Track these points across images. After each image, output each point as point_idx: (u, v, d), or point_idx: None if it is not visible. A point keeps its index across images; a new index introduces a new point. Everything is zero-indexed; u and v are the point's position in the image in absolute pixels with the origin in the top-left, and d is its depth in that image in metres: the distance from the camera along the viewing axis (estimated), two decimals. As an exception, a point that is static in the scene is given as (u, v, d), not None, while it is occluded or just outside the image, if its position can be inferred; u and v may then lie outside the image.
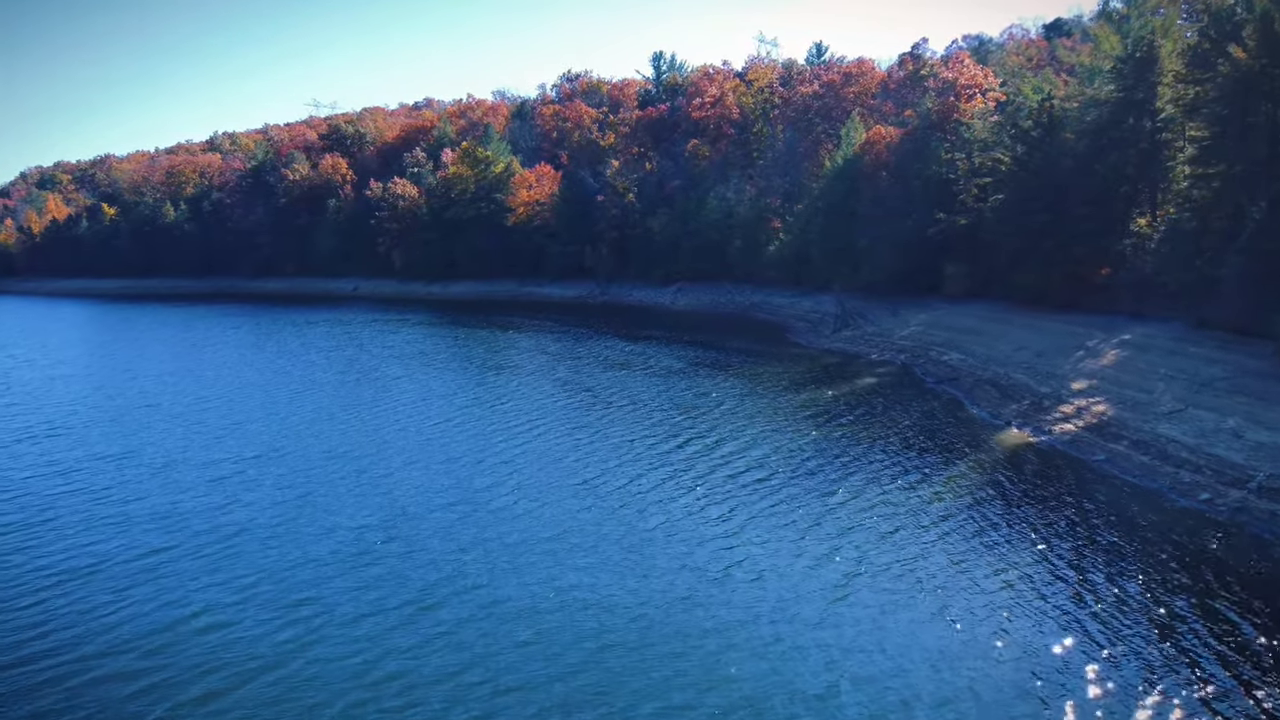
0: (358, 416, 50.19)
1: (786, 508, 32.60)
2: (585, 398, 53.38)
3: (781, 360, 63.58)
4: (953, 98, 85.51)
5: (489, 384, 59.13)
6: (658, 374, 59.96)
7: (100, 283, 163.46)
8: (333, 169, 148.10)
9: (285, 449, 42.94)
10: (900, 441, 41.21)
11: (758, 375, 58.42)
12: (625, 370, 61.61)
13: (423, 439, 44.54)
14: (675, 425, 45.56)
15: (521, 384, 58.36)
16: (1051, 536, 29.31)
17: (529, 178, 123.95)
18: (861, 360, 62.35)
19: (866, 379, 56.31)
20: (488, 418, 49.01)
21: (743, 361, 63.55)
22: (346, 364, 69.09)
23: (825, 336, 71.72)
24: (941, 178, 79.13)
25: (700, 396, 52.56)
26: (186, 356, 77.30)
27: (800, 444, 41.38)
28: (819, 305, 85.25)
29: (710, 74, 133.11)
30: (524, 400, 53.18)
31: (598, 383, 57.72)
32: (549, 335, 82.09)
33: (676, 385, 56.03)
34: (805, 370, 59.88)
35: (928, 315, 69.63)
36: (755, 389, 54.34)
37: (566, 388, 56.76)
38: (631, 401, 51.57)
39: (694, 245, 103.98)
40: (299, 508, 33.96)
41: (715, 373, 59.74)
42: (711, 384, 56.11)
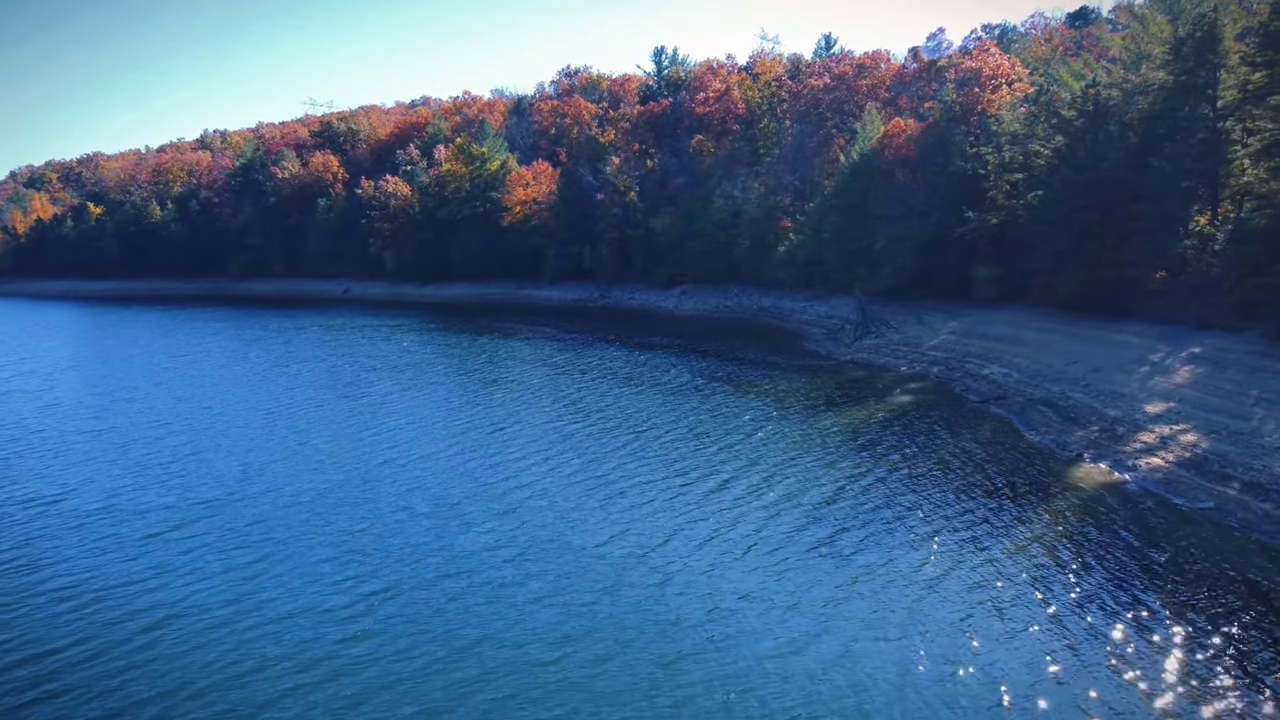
0: (338, 448, 43.72)
1: (842, 569, 26.30)
2: (592, 422, 47.02)
3: (802, 373, 57.21)
4: (977, 88, 79.12)
5: (485, 405, 52.72)
6: (669, 391, 53.64)
7: (84, 284, 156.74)
8: (323, 167, 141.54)
9: (245, 494, 36.47)
10: (959, 478, 34.88)
11: (779, 392, 52.06)
12: (633, 387, 55.24)
13: (412, 479, 38.13)
14: (698, 459, 39.30)
15: (520, 405, 51.96)
16: (1184, 622, 23.00)
17: (526, 175, 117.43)
18: (890, 373, 56.00)
19: (900, 396, 49.94)
20: (484, 450, 42.63)
21: (760, 375, 57.19)
22: (331, 378, 62.69)
23: (846, 345, 65.36)
24: (967, 173, 72.98)
25: (719, 420, 46.18)
26: (158, 369, 70.76)
27: (842, 481, 35.06)
28: (834, 310, 78.91)
29: (714, 68, 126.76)
30: (523, 426, 46.79)
31: (604, 403, 51.38)
32: (548, 344, 75.65)
33: (691, 405, 49.68)
34: (830, 385, 53.53)
35: (958, 322, 63.30)
36: (778, 409, 47.99)
37: (570, 409, 50.38)
38: (644, 428, 45.28)
39: (699, 246, 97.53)
40: (245, 584, 27.48)
41: (731, 389, 53.39)
42: (729, 403, 49.75)
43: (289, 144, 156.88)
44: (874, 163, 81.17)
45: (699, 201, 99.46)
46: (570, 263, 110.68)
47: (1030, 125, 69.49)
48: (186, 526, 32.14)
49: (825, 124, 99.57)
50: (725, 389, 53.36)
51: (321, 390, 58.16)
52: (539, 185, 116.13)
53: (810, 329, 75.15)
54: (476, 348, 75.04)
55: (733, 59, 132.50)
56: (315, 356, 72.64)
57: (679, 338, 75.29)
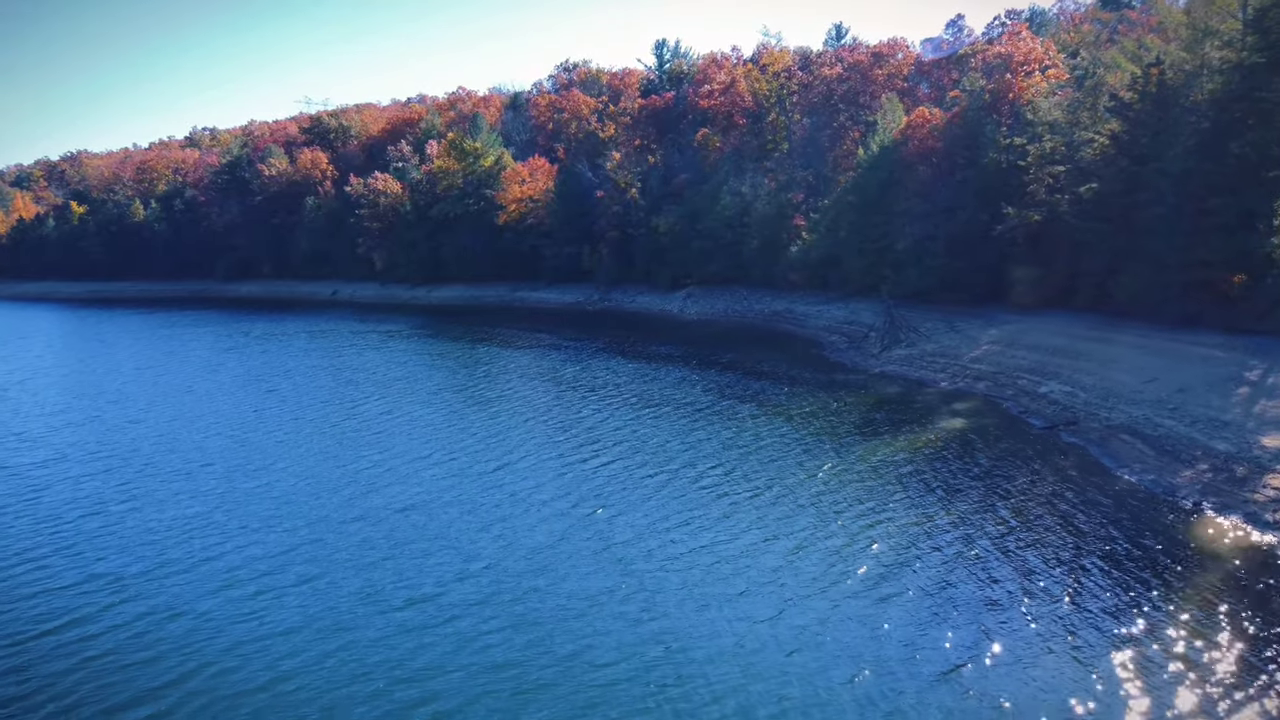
0: (305, 491, 36.50)
1: (935, 657, 19.07)
2: (600, 455, 39.78)
3: (829, 389, 49.91)
4: (1008, 75, 71.86)
5: (480, 431, 45.42)
6: (683, 414, 46.36)
7: (66, 286, 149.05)
8: (312, 164, 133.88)
9: (161, 568, 29.18)
10: (1058, 537, 27.67)
11: (807, 414, 44.76)
12: (642, 410, 47.88)
13: (395, 534, 30.87)
14: (727, 508, 32.16)
15: (519, 435, 44.51)
16: None
17: (522, 172, 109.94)
18: (930, 390, 48.70)
19: (949, 419, 42.62)
20: (479, 493, 35.52)
21: (782, 392, 49.89)
22: (311, 394, 55.44)
23: (873, 356, 58.08)
24: (1000, 166, 65.84)
25: (744, 454, 38.95)
26: (119, 384, 63.40)
27: (907, 540, 27.88)
28: (854, 315, 71.64)
29: (718, 60, 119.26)
30: (524, 464, 39.50)
31: (611, 427, 44.20)
32: (546, 355, 68.23)
33: (709, 433, 42.44)
34: (864, 404, 46.24)
35: (998, 330, 56.06)
36: (810, 436, 40.75)
37: (573, 439, 43.15)
38: (660, 466, 38.11)
39: (705, 246, 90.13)
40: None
41: (753, 410, 46.10)
42: (752, 430, 42.45)
43: (279, 141, 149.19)
44: (895, 156, 74.00)
45: (705, 198, 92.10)
46: (568, 264, 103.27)
47: (1073, 112, 62.36)
48: (60, 630, 24.85)
49: (839, 116, 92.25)
50: (745, 410, 46.05)
51: (295, 412, 50.89)
52: (535, 182, 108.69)
53: (829, 336, 67.83)
54: (469, 360, 67.67)
55: (738, 50, 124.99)
56: (294, 370, 65.10)
57: (687, 346, 67.97)
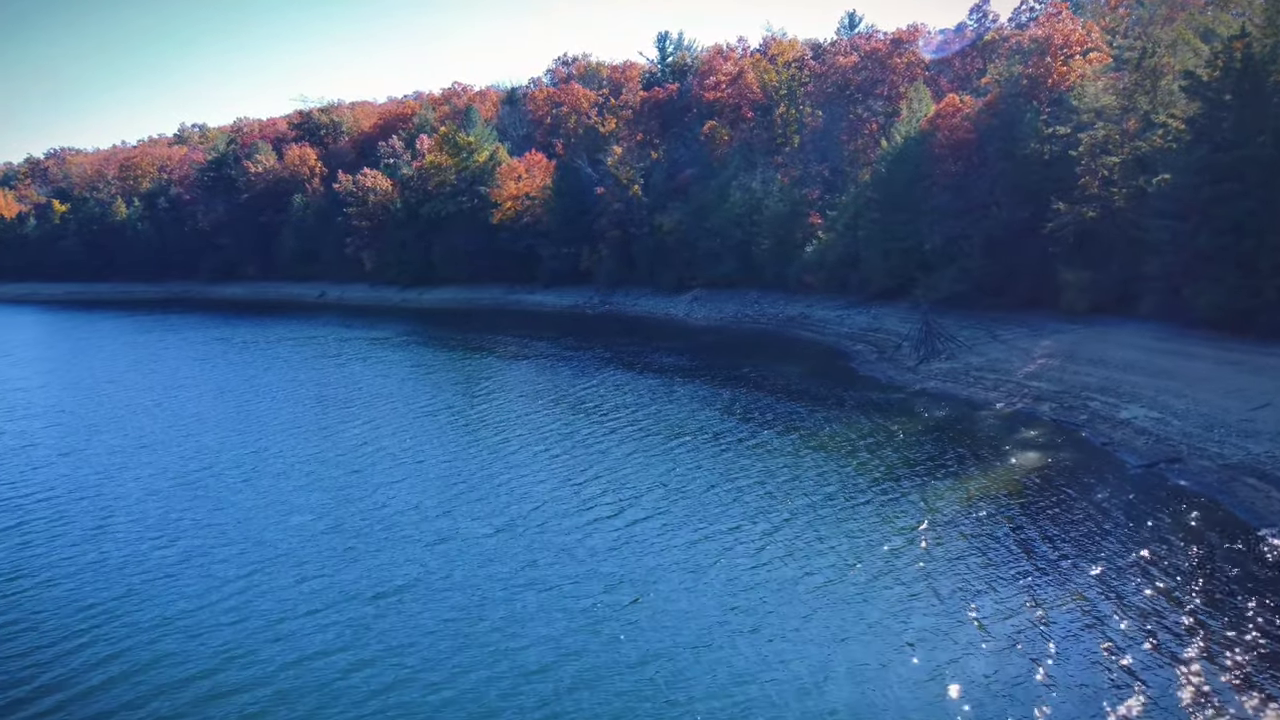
0: (265, 550, 29.19)
1: None
2: (609, 500, 32.66)
3: (867, 411, 42.59)
4: (1047, 59, 64.61)
5: (473, 474, 37.99)
6: (699, 440, 39.20)
7: (45, 287, 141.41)
8: (300, 161, 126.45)
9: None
10: (1237, 636, 20.33)
11: (847, 445, 37.49)
12: (652, 435, 40.63)
13: (374, 603, 23.62)
14: (783, 581, 24.79)
15: (521, 474, 36.94)
16: None
17: (518, 168, 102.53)
18: (985, 412, 41.37)
19: (1020, 452, 35.23)
20: (471, 548, 28.37)
21: (812, 415, 42.58)
22: (284, 417, 48.06)
23: (908, 369, 50.79)
24: (1042, 157, 58.72)
25: (786, 501, 31.79)
26: (74, 400, 56.15)
27: (1034, 629, 20.55)
28: (878, 321, 64.43)
29: (724, 52, 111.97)
30: (529, 518, 32.14)
31: (628, 466, 36.88)
32: (545, 368, 60.78)
33: (738, 470, 35.25)
34: (913, 431, 38.93)
35: (1052, 341, 48.77)
36: (859, 474, 33.56)
37: (586, 484, 35.86)
38: (690, 519, 30.93)
39: (713, 245, 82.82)
40: None
41: (782, 439, 38.82)
42: (789, 469, 35.14)
43: (268, 138, 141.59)
44: (922, 148, 66.73)
45: (713, 195, 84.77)
46: (566, 264, 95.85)
47: (1129, 97, 55.09)
48: None
49: (856, 107, 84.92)
50: (775, 440, 38.71)
51: (261, 442, 43.62)
52: (532, 179, 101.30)
53: (854, 345, 60.53)
54: (459, 375, 60.25)
55: (744, 41, 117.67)
56: (270, 386, 57.32)
57: (696, 356, 60.70)
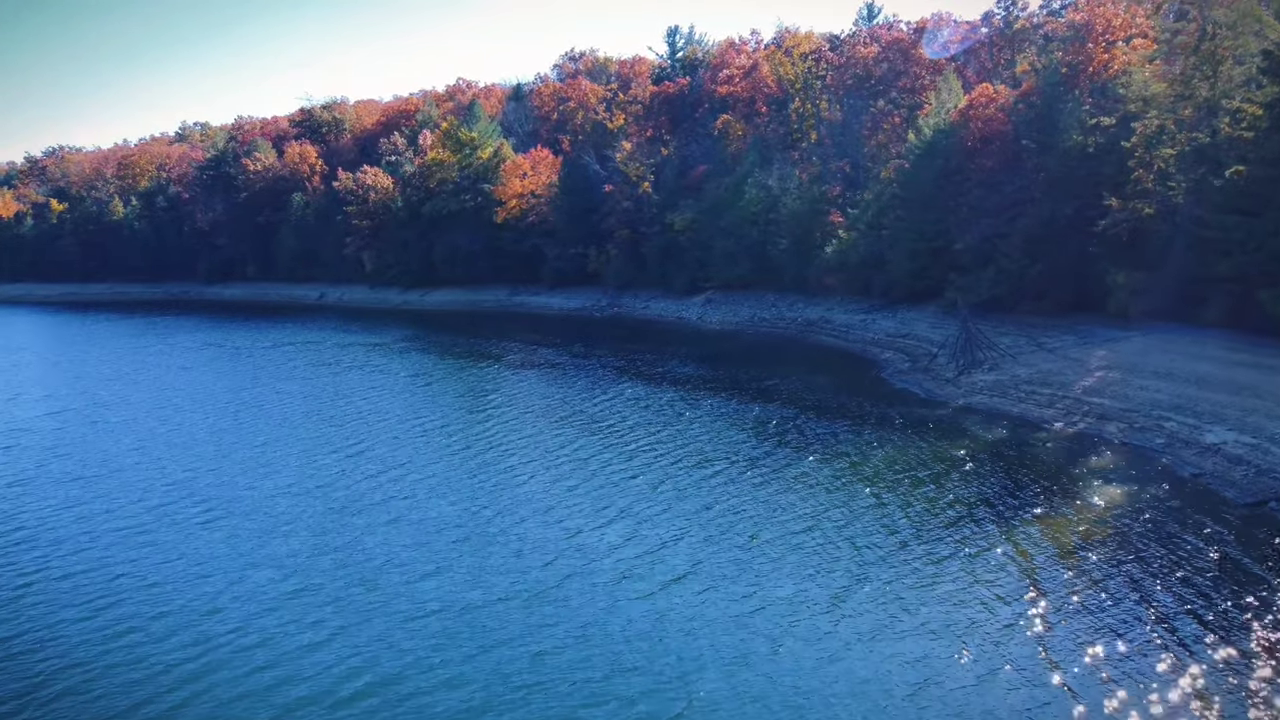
0: (212, 625, 24.69)
1: None
2: (637, 551, 27.94)
3: (910, 431, 37.77)
4: (1089, 45, 59.73)
5: (475, 503, 33.46)
6: (732, 467, 34.61)
7: (41, 288, 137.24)
8: (300, 158, 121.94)
9: None
10: None
11: (899, 474, 32.78)
12: (670, 460, 36.05)
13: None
14: (854, 658, 20.14)
15: (525, 501, 32.57)
16: None
17: (523, 164, 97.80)
18: (1044, 433, 36.48)
19: (1099, 485, 30.32)
20: (470, 624, 23.99)
21: (850, 436, 37.84)
22: (268, 438, 43.40)
23: (947, 380, 45.88)
24: (1084, 150, 53.95)
25: (841, 546, 27.17)
26: (39, 415, 51.63)
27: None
28: (906, 326, 59.63)
29: (736, 45, 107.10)
30: (532, 560, 27.94)
31: (643, 492, 32.49)
32: (552, 375, 56.19)
33: (778, 504, 30.68)
34: (967, 457, 34.10)
35: (1108, 350, 43.85)
36: (923, 514, 28.96)
37: (595, 517, 31.39)
38: (721, 565, 26.59)
39: (727, 245, 77.98)
40: None
41: (823, 465, 34.13)
42: (838, 501, 30.58)
43: (269, 136, 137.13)
44: (953, 141, 61.91)
45: (727, 192, 79.96)
46: (573, 265, 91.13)
47: (1185, 83, 50.12)
48: None
49: (878, 100, 79.99)
50: (814, 466, 33.97)
51: (238, 470, 39.06)
52: (538, 176, 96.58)
53: (882, 353, 55.68)
54: (462, 384, 55.75)
55: (757, 34, 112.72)
56: (259, 400, 52.48)
57: (714, 365, 55.96)
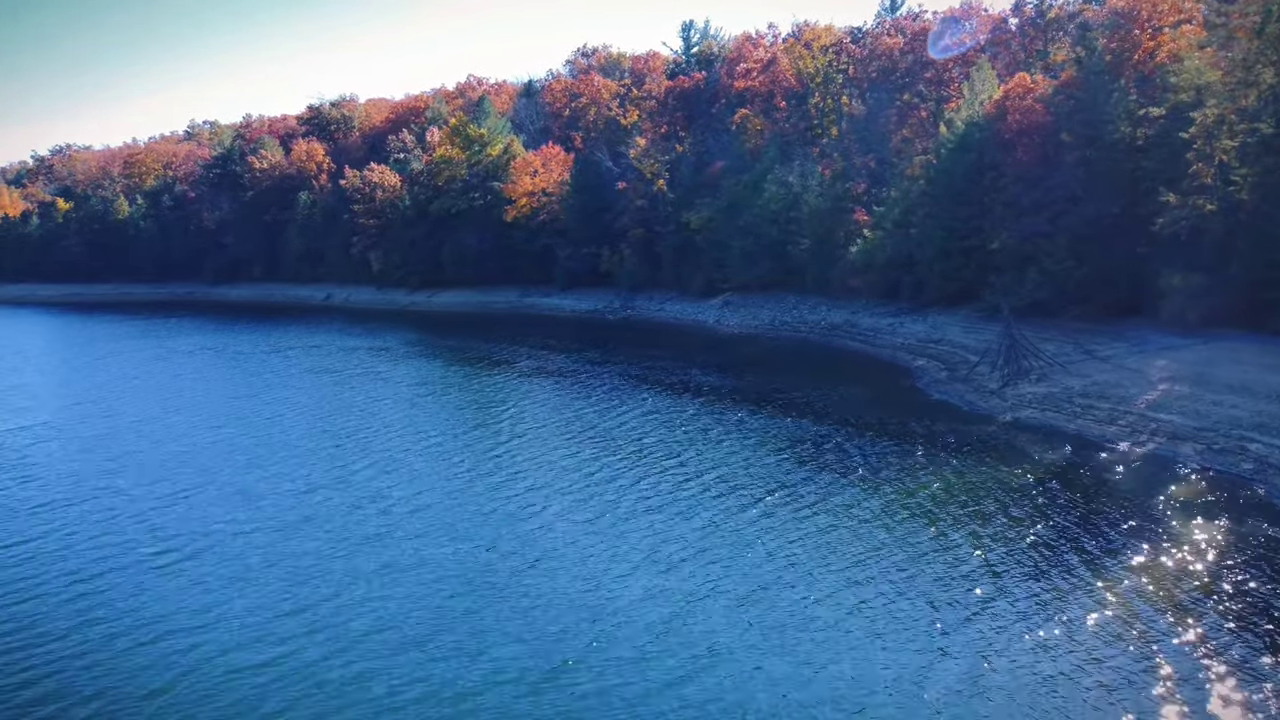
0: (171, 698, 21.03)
1: None
2: (679, 600, 24.58)
3: (960, 451, 33.93)
4: (1136, 31, 55.70)
5: (488, 539, 29.89)
6: (773, 496, 30.90)
7: (44, 288, 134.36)
8: (307, 156, 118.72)
9: None
10: None
11: (960, 504, 29.03)
12: (714, 491, 32.24)
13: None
14: None
15: (545, 539, 28.99)
16: None
17: (533, 162, 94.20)
18: (1108, 454, 32.59)
19: (1191, 517, 26.46)
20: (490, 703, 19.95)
21: (897, 456, 34.09)
22: (253, 461, 39.83)
23: (990, 392, 41.96)
24: (1133, 143, 50.17)
25: (911, 596, 23.58)
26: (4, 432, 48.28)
27: None
28: (938, 331, 55.76)
29: (754, 39, 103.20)
30: (549, 617, 24.46)
31: (675, 523, 28.95)
32: (567, 385, 52.50)
33: (831, 542, 27.08)
34: (1032, 483, 30.32)
35: (1168, 361, 39.88)
36: (1001, 556, 25.15)
37: (624, 557, 27.89)
38: (779, 621, 22.98)
39: (746, 245, 74.12)
40: None
41: (872, 494, 30.39)
42: (898, 539, 26.91)
43: (277, 134, 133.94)
44: (988, 134, 57.98)
45: (745, 189, 76.15)
46: (585, 265, 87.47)
47: (1247, 69, 46.01)
48: None
49: (903, 92, 76.06)
50: (862, 495, 30.23)
51: (222, 489, 35.54)
52: (549, 173, 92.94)
53: (914, 360, 51.82)
54: (471, 394, 52.28)
55: (775, 28, 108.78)
56: (249, 415, 48.59)
57: (737, 374, 52.22)
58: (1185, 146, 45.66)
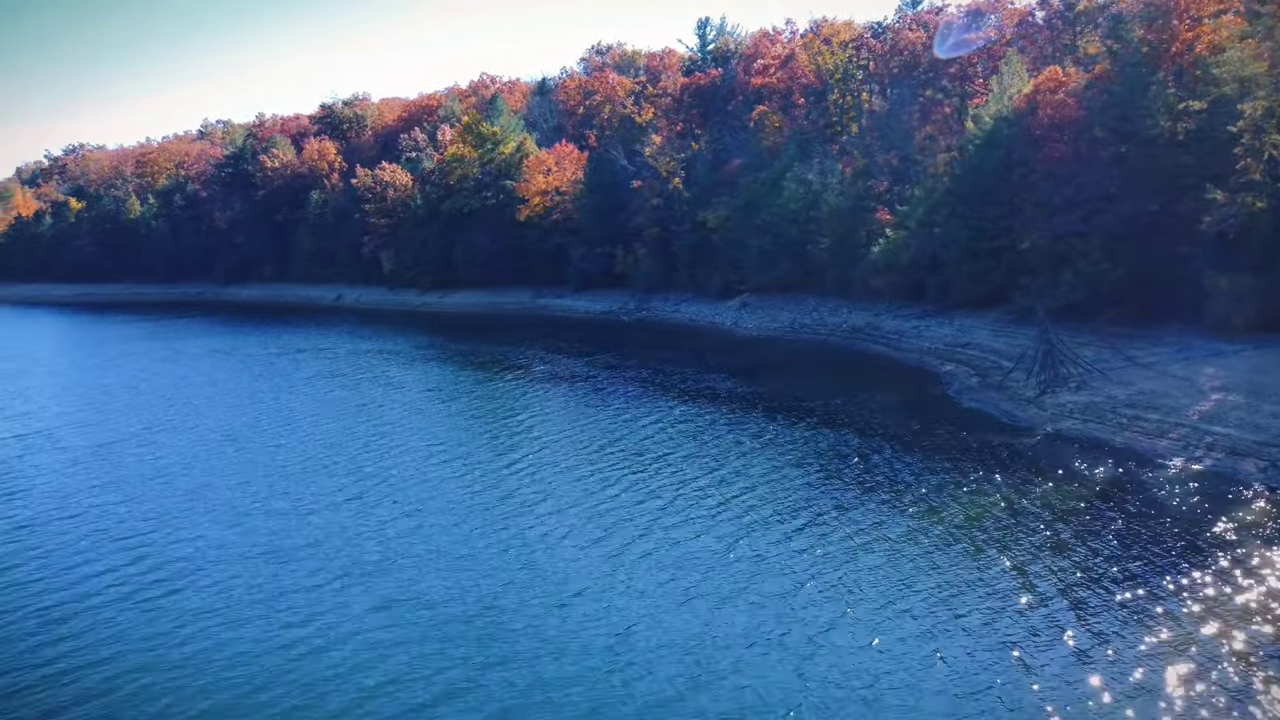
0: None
1: None
2: (723, 660, 22.27)
3: (1001, 467, 31.78)
4: (1174, 21, 53.20)
5: (491, 570, 27.87)
6: (816, 521, 28.89)
7: (56, 288, 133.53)
8: (319, 155, 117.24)
9: None
10: None
11: (1006, 531, 26.99)
12: (738, 513, 30.22)
13: None
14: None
15: (549, 570, 26.92)
16: None
17: (546, 160, 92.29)
18: (1162, 471, 30.34)
19: (1266, 552, 24.15)
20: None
21: (938, 474, 31.94)
22: (246, 472, 38.19)
23: (1027, 400, 39.71)
24: (1175, 137, 47.83)
25: (959, 637, 21.51)
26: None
27: None
28: (965, 335, 53.50)
29: (771, 35, 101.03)
30: (561, 661, 22.53)
31: (710, 554, 27.03)
32: (583, 392, 50.47)
33: (869, 573, 25.08)
34: (1080, 503, 28.25)
35: (1218, 368, 37.56)
36: (1051, 589, 23.19)
37: (635, 600, 25.87)
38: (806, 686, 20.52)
39: (764, 245, 71.94)
40: None
41: (915, 514, 28.42)
42: (942, 569, 24.92)
43: (289, 133, 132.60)
44: (1018, 129, 55.63)
45: (763, 188, 73.96)
46: (599, 266, 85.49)
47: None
48: None
49: (927, 88, 73.74)
50: (905, 515, 28.26)
51: (212, 505, 33.78)
52: (562, 172, 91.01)
53: (942, 365, 49.60)
54: (485, 403, 50.09)
55: (792, 24, 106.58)
56: (247, 424, 46.88)
57: (759, 379, 50.19)
58: (1230, 141, 43.29)
